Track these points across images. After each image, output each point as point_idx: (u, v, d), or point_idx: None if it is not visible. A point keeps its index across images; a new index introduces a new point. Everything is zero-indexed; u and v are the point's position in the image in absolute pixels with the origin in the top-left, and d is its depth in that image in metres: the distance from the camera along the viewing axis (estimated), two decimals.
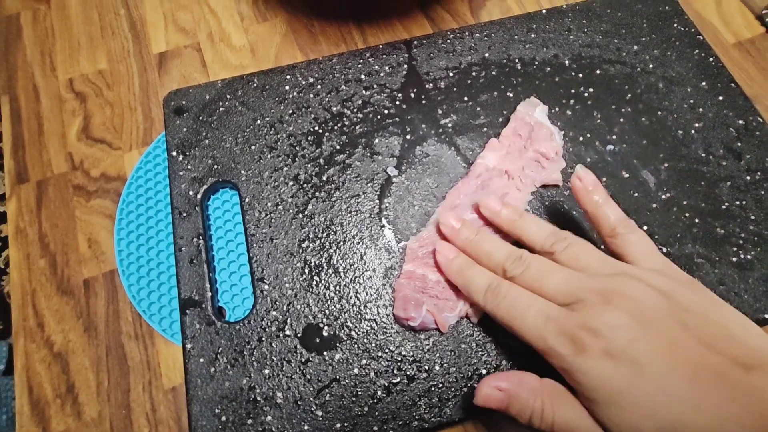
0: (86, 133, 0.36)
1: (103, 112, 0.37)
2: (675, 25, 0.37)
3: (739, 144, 0.33)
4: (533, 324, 0.21)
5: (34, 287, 0.31)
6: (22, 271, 0.31)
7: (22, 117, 0.36)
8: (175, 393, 0.28)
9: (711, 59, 0.36)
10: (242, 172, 0.32)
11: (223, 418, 0.25)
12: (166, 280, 0.30)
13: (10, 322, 0.31)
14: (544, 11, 0.38)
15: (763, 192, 0.31)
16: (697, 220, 0.30)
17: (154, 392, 0.28)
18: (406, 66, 0.35)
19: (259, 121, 0.33)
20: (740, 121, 0.33)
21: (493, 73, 0.35)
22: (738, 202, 0.31)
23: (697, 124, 0.33)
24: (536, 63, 0.35)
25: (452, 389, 0.26)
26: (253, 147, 0.33)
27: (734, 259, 0.29)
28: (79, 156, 0.35)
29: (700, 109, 0.34)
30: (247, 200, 0.31)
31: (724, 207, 0.31)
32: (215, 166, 0.32)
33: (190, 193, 0.31)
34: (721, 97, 0.34)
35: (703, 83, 0.35)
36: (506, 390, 0.22)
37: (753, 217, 0.30)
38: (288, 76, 0.35)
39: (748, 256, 0.29)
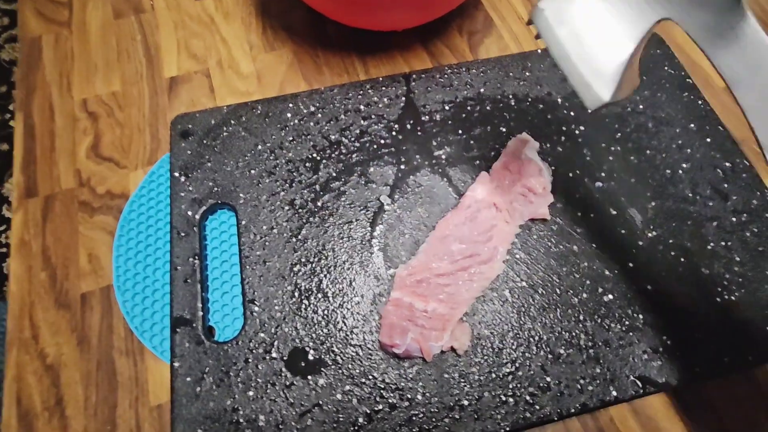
0: (95, 151, 0.37)
1: (113, 132, 0.38)
2: (666, 68, 0.39)
3: (726, 185, 0.33)
4: None
5: (32, 299, 0.32)
6: (23, 284, 0.32)
7: (35, 133, 0.38)
8: (161, 410, 0.29)
9: (700, 102, 0.37)
10: (241, 195, 0.33)
11: None
12: (160, 298, 0.31)
13: None
14: (539, 51, 0.39)
15: (748, 234, 0.32)
16: (682, 260, 0.31)
17: (140, 409, 0.29)
18: (404, 98, 0.37)
19: (260, 147, 0.35)
20: (727, 163, 0.34)
21: (488, 108, 0.36)
22: (723, 243, 0.31)
23: (684, 165, 0.34)
24: (529, 100, 0.37)
25: (433, 419, 0.26)
26: (252, 171, 0.34)
27: (718, 300, 0.29)
28: (86, 173, 0.36)
29: (688, 150, 0.35)
30: (243, 222, 0.32)
31: (709, 247, 0.31)
32: (215, 189, 0.33)
33: (189, 213, 0.32)
34: (708, 139, 0.35)
35: (692, 125, 0.36)
36: None
37: (738, 259, 0.31)
38: (290, 104, 0.37)
39: (732, 297, 0.29)
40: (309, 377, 0.27)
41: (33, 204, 0.35)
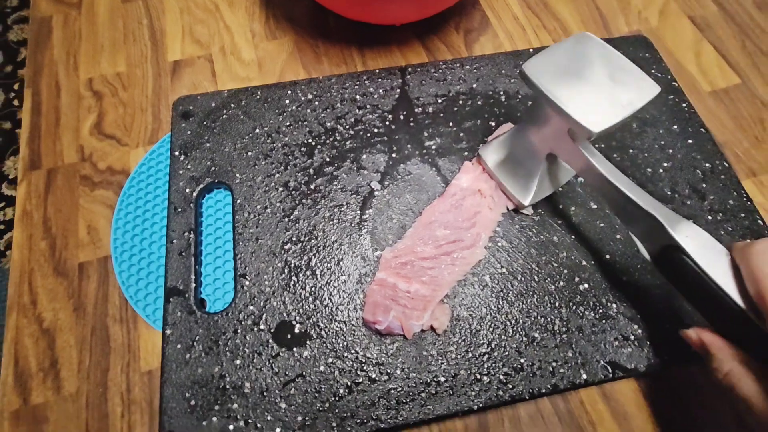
0: (98, 128, 0.39)
1: (116, 111, 0.40)
2: (653, 71, 0.40)
3: (704, 185, 0.35)
4: None
5: (32, 267, 0.33)
6: (23, 251, 0.34)
7: (42, 110, 0.39)
8: (151, 376, 0.30)
9: (684, 105, 0.38)
10: (237, 175, 0.34)
11: (192, 402, 0.27)
12: (154, 270, 0.32)
13: None
14: (531, 50, 0.41)
15: (722, 232, 0.33)
16: None
17: (131, 374, 0.30)
18: (398, 90, 0.38)
19: (258, 130, 0.36)
20: (707, 164, 0.35)
21: (479, 102, 0.38)
22: None
23: (665, 164, 0.35)
24: (519, 96, 0.38)
25: (410, 393, 0.27)
26: (249, 153, 0.35)
27: None
28: (89, 149, 0.38)
29: (670, 150, 0.36)
30: (238, 201, 0.33)
31: None
32: (213, 168, 0.34)
33: (187, 190, 0.33)
34: (690, 141, 0.36)
35: (675, 126, 0.37)
36: (710, 343, 0.24)
37: None
38: (289, 91, 0.38)
39: None
40: (294, 349, 0.28)
41: (36, 176, 0.36)
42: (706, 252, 0.24)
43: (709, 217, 0.33)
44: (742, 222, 0.33)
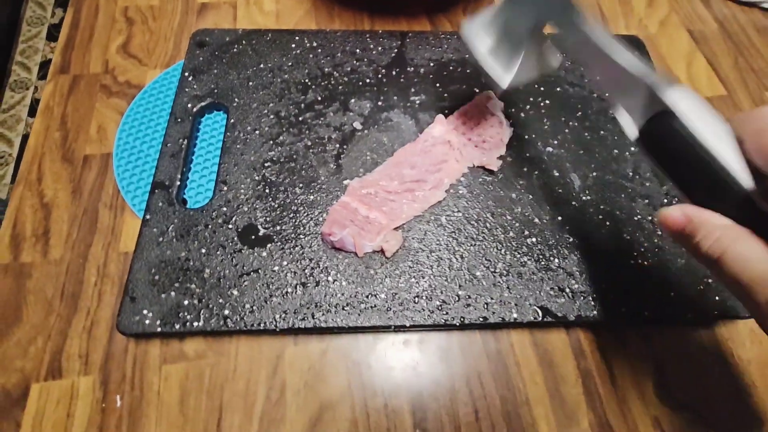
0: (124, 48, 0.43)
1: (143, 36, 0.44)
2: None
3: None
4: None
5: (44, 151, 0.37)
6: (39, 138, 0.38)
7: (79, 26, 0.44)
8: (126, 257, 0.33)
9: None
10: (236, 99, 0.38)
11: (157, 277, 0.30)
12: (147, 169, 0.36)
13: None
14: None
15: None
16: (608, 223, 0.34)
17: (110, 252, 0.33)
18: (396, 50, 0.41)
19: (262, 65, 0.40)
20: None
21: (468, 71, 0.41)
22: (650, 218, 0.34)
23: (633, 149, 0.37)
24: None
25: (350, 302, 0.30)
26: (250, 83, 0.39)
27: (632, 262, 0.32)
28: (113, 64, 0.42)
29: None
30: (232, 121, 0.37)
31: (636, 218, 0.34)
32: (216, 90, 0.38)
33: (189, 105, 0.37)
34: None
35: None
36: (697, 215, 0.20)
37: (660, 233, 0.34)
38: (297, 37, 0.41)
39: (645, 263, 0.32)
40: (255, 248, 0.31)
41: (63, 79, 0.41)
42: (702, 116, 0.20)
43: (665, 200, 0.35)
44: None
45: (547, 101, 0.39)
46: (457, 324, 0.30)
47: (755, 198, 0.18)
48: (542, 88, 0.40)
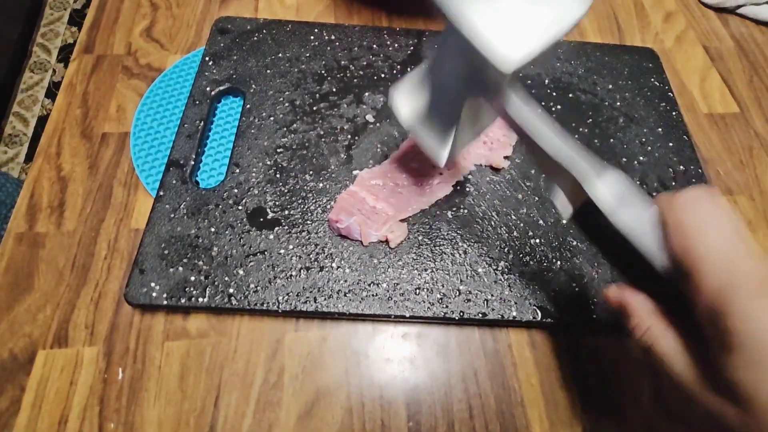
0: (148, 32, 0.44)
1: (166, 22, 0.45)
2: (652, 79, 0.42)
3: (674, 183, 0.37)
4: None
5: (64, 126, 0.38)
6: (61, 114, 0.39)
7: (105, 8, 0.45)
8: (137, 233, 0.34)
9: (674, 113, 0.40)
10: (253, 86, 0.39)
11: (166, 251, 0.31)
12: (163, 150, 0.37)
13: None
14: None
15: None
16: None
17: (121, 227, 0.34)
18: (412, 48, 0.42)
19: (280, 54, 0.40)
20: (681, 167, 0.37)
21: None
22: None
23: (642, 158, 0.38)
24: (519, 75, 0.41)
25: (352, 289, 0.30)
26: (268, 71, 0.39)
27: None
28: (135, 46, 0.43)
29: (649, 148, 0.38)
30: (248, 107, 0.37)
31: None
32: (234, 76, 0.39)
33: (207, 89, 0.38)
34: (671, 144, 0.39)
35: (660, 129, 0.39)
36: (630, 300, 0.22)
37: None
38: (316, 30, 0.42)
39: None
40: (263, 231, 0.32)
41: (87, 58, 0.42)
42: (624, 204, 0.21)
43: None
44: None
45: (559, 106, 0.40)
46: (456, 318, 0.30)
47: (670, 279, 0.20)
48: (554, 94, 0.40)
